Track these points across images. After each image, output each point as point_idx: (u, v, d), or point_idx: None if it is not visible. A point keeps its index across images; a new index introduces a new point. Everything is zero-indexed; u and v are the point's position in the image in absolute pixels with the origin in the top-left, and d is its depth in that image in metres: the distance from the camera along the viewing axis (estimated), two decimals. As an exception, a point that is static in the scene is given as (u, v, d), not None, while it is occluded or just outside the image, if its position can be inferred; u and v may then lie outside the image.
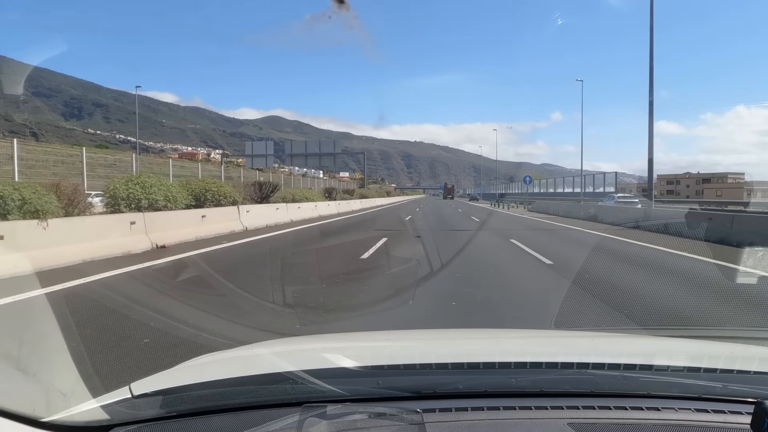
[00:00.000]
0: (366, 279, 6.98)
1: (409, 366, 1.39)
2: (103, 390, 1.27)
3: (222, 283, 6.59)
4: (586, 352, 1.66)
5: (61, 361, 2.04)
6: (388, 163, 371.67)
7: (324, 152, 45.81)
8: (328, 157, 45.77)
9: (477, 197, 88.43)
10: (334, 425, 1.06)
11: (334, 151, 46.37)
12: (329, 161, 46.73)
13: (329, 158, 45.90)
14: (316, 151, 45.74)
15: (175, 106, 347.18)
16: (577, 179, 48.12)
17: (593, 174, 44.15)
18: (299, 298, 5.67)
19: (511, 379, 1.29)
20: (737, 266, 7.90)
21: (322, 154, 45.49)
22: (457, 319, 4.84)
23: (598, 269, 7.99)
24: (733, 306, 5.48)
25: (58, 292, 5.58)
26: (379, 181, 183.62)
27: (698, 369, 1.34)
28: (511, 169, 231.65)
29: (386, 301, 5.58)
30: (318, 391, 1.20)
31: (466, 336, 2.27)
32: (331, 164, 48.65)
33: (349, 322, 4.79)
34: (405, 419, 1.08)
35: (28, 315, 4.81)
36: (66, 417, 1.14)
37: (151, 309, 4.77)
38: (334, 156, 46.16)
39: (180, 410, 1.18)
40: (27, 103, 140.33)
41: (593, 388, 1.25)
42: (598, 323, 4.64)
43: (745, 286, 6.61)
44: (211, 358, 1.72)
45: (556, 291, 6.13)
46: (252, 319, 4.65)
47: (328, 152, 46.03)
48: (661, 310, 5.18)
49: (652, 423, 1.12)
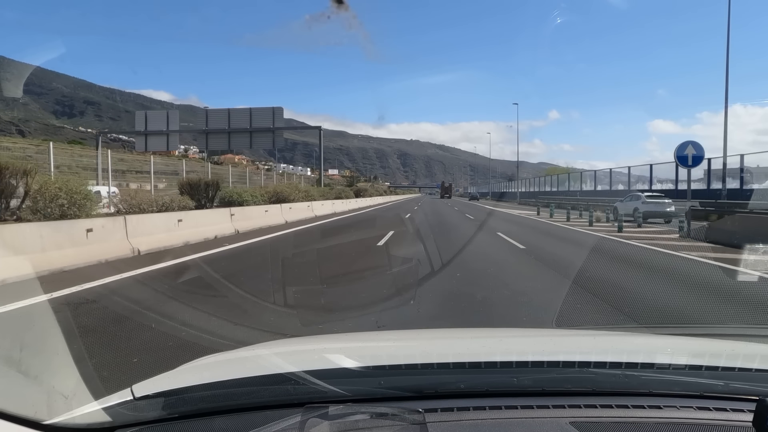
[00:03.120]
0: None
1: (411, 366, 1.39)
2: (104, 392, 1.26)
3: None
4: (587, 350, 1.66)
5: (62, 362, 2.03)
6: (383, 161, 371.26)
7: (257, 128, 32.72)
8: (264, 135, 33.07)
9: (477, 196, 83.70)
10: (336, 425, 1.06)
11: (273, 125, 32.44)
12: (265, 140, 33.52)
13: (265, 136, 33.12)
14: (245, 125, 32.87)
15: (168, 104, 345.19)
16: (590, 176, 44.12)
17: (624, 168, 37.13)
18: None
19: (513, 378, 1.29)
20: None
21: (254, 131, 32.78)
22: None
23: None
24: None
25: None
26: (371, 179, 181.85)
27: (700, 367, 1.35)
28: (510, 167, 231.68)
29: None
30: (320, 391, 1.20)
31: (467, 335, 2.27)
32: (268, 145, 34.53)
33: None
34: (407, 419, 1.08)
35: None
36: (68, 419, 1.13)
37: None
38: (273, 134, 32.72)
39: (182, 412, 1.18)
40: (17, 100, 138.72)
41: (595, 387, 1.25)
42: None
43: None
44: (212, 359, 1.71)
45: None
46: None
47: (263, 127, 32.66)
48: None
49: (654, 421, 1.12)
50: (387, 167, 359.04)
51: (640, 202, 21.63)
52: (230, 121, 33.18)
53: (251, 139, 33.37)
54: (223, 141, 33.68)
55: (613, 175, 37.64)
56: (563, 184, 49.80)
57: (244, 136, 33.36)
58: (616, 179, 37.50)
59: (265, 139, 33.40)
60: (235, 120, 33.19)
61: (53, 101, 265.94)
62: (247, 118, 33.22)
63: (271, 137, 33.37)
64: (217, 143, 34.23)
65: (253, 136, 33.38)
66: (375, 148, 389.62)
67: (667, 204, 21.28)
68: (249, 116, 33.23)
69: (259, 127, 33.05)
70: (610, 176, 37.99)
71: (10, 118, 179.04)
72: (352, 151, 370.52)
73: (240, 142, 33.91)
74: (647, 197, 22.12)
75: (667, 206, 21.04)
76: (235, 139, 33.58)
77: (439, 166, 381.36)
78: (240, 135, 33.37)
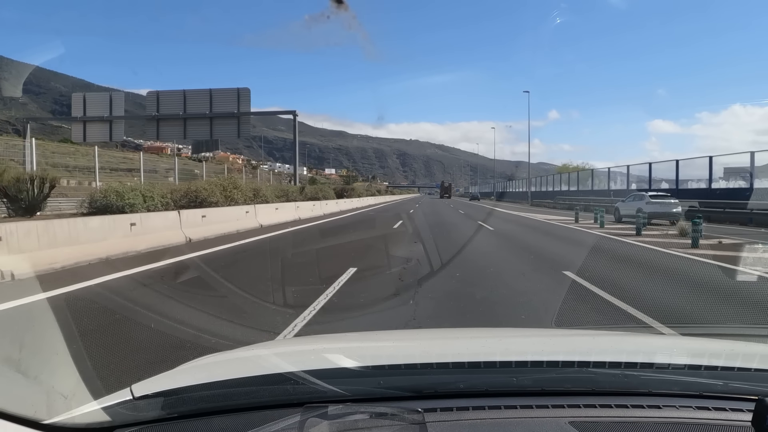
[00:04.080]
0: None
1: (410, 366, 1.39)
2: (104, 392, 1.26)
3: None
4: (587, 350, 1.66)
5: (62, 362, 2.03)
6: (383, 161, 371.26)
7: (219, 113, 27.13)
8: (227, 122, 27.46)
9: (478, 196, 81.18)
10: (336, 425, 1.06)
11: (238, 109, 27.04)
12: (229, 128, 27.70)
13: (229, 124, 27.53)
14: (203, 111, 27.16)
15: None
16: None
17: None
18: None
19: (513, 378, 1.29)
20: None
21: (215, 117, 27.21)
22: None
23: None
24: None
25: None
26: (370, 179, 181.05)
27: (699, 367, 1.35)
28: (509, 167, 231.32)
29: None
30: (319, 391, 1.20)
31: (466, 335, 2.27)
32: (232, 133, 28.43)
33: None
34: (406, 419, 1.08)
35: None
36: (67, 419, 1.13)
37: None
38: (237, 120, 27.39)
39: (181, 411, 1.18)
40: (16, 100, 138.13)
41: (594, 387, 1.25)
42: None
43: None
44: (212, 359, 1.71)
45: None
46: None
47: (226, 113, 27.14)
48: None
49: (653, 421, 1.13)
50: (386, 167, 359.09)
51: (644, 203, 20.32)
52: (186, 105, 27.47)
53: (211, 127, 27.78)
54: (178, 130, 28.19)
55: (628, 174, 34.76)
56: (575, 184, 45.57)
57: (203, 123, 27.79)
58: (632, 178, 35.18)
59: (228, 127, 27.90)
60: (193, 104, 27.60)
61: (51, 101, 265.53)
62: (207, 102, 27.61)
63: (235, 124, 27.76)
64: (169, 132, 28.91)
65: (215, 123, 27.75)
66: (374, 148, 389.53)
67: (672, 204, 20.15)
68: (209, 99, 27.62)
69: (222, 112, 27.54)
70: (627, 174, 34.88)
71: (7, 118, 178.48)
72: (352, 151, 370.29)
73: (198, 130, 28.23)
74: (651, 197, 20.86)
75: (672, 206, 19.98)
76: (193, 128, 28.08)
77: (438, 166, 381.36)
78: (198, 122, 27.86)
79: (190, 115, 27.67)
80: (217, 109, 27.58)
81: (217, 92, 27.78)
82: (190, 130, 28.18)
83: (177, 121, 27.88)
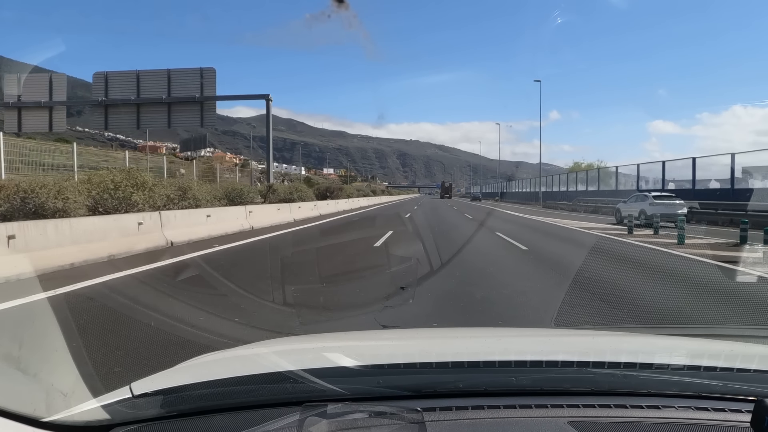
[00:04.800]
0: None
1: (410, 365, 1.39)
2: (103, 390, 1.26)
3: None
4: (586, 350, 1.66)
5: (62, 360, 2.03)
6: (383, 161, 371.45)
7: (179, 98, 23.44)
8: (189, 108, 23.74)
9: (479, 197, 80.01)
10: (335, 424, 1.06)
11: (201, 93, 23.27)
12: (191, 116, 23.93)
13: (191, 111, 23.79)
14: (160, 95, 23.34)
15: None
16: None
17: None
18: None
19: (512, 377, 1.29)
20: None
21: (174, 102, 23.48)
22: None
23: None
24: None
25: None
26: (369, 179, 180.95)
27: (698, 367, 1.35)
28: (510, 168, 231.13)
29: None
30: (318, 390, 1.20)
31: (466, 335, 2.27)
32: (195, 121, 24.28)
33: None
34: (405, 418, 1.08)
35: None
36: (66, 417, 1.13)
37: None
38: (201, 107, 23.60)
39: (180, 410, 1.18)
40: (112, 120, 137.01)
41: (593, 387, 1.25)
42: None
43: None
44: (211, 357, 1.71)
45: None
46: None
47: (187, 97, 23.42)
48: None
49: (652, 421, 1.13)
50: (386, 167, 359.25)
51: (648, 203, 19.37)
52: (140, 88, 23.53)
53: (170, 115, 23.66)
54: (130, 118, 24.10)
55: (663, 172, 30.39)
56: (594, 183, 41.08)
57: (160, 110, 23.74)
58: (645, 177, 32.63)
59: (189, 114, 23.84)
60: (148, 87, 23.63)
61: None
62: (165, 85, 23.48)
63: (198, 111, 23.72)
64: (120, 121, 24.72)
65: (174, 109, 23.71)
66: (374, 148, 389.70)
67: (678, 205, 19.08)
68: (167, 82, 23.51)
69: (182, 96, 23.43)
70: (663, 172, 30.58)
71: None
72: (352, 151, 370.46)
73: (154, 118, 24.13)
74: (655, 197, 19.73)
75: (678, 207, 18.90)
76: (148, 115, 24.00)
77: (438, 166, 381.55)
78: (153, 108, 23.81)
79: (144, 100, 23.60)
80: (177, 93, 23.52)
81: (177, 73, 23.75)
82: (145, 118, 24.10)
83: (129, 108, 23.83)
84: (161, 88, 23.55)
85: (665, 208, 18.88)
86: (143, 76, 23.66)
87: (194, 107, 23.81)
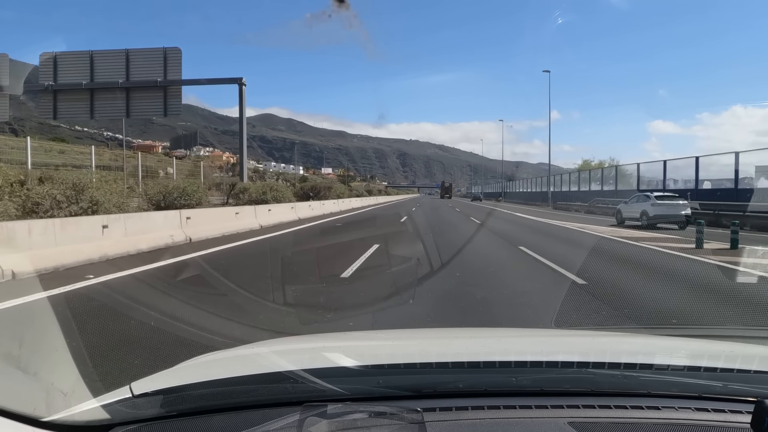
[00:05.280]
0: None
1: (410, 365, 1.39)
2: (103, 389, 1.26)
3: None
4: (586, 351, 1.66)
5: (62, 360, 2.03)
6: (383, 161, 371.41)
7: (139, 82, 20.61)
8: (151, 94, 20.89)
9: (480, 197, 79.77)
10: (335, 424, 1.06)
11: (165, 76, 20.39)
12: (154, 103, 20.99)
13: (153, 97, 20.91)
14: (116, 79, 20.50)
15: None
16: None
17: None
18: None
19: (512, 378, 1.29)
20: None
21: (133, 87, 20.64)
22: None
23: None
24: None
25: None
26: (368, 178, 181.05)
27: (698, 368, 1.34)
28: (509, 167, 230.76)
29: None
30: (318, 390, 1.20)
31: (466, 335, 2.27)
32: (158, 109, 21.32)
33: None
34: (405, 418, 1.08)
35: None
36: (66, 416, 1.13)
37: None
38: (164, 93, 20.74)
39: (181, 409, 1.18)
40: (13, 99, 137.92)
41: (593, 387, 1.25)
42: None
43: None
44: (211, 357, 1.72)
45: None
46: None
47: (148, 81, 20.58)
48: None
49: (652, 422, 1.13)
50: (386, 167, 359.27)
51: (650, 204, 18.78)
52: (93, 72, 20.59)
53: (128, 102, 20.77)
54: (82, 105, 20.95)
55: (697, 170, 27.06)
56: (609, 182, 38.37)
57: (117, 96, 20.80)
58: (649, 177, 31.34)
59: (151, 101, 20.95)
60: (104, 71, 20.66)
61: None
62: (122, 68, 20.59)
63: (161, 98, 20.82)
64: (70, 109, 21.41)
65: (133, 96, 20.83)
66: (374, 148, 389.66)
67: (681, 206, 18.44)
68: (125, 64, 20.58)
69: (142, 81, 20.57)
70: (696, 169, 26.99)
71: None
72: (352, 151, 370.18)
73: (110, 106, 21.06)
74: (657, 198, 19.05)
75: (681, 208, 18.36)
76: (103, 102, 20.96)
77: (438, 166, 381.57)
78: (109, 95, 20.87)
79: (98, 85, 20.63)
80: (137, 76, 20.62)
81: (136, 54, 20.81)
82: (100, 106, 21.06)
83: (81, 94, 20.73)
84: (118, 72, 20.63)
85: (668, 209, 18.51)
86: (98, 57, 20.82)
87: (156, 93, 20.95)
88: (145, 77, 20.72)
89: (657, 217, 18.43)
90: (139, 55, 20.91)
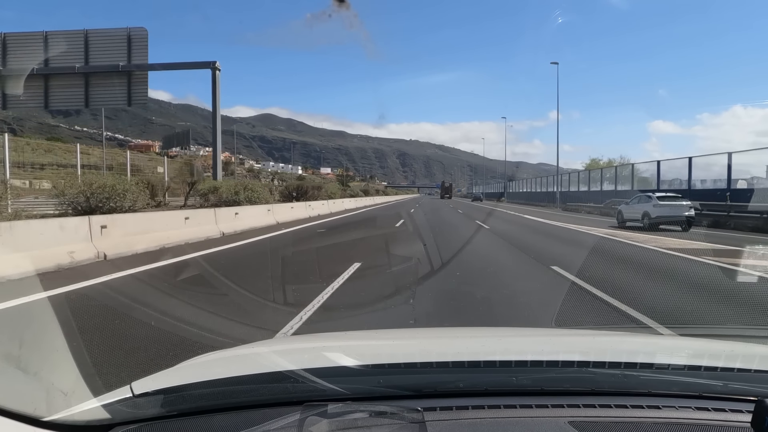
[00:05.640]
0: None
1: (410, 365, 1.39)
2: (104, 389, 1.26)
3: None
4: (586, 350, 1.66)
5: (63, 360, 2.02)
6: (382, 161, 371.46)
7: (99, 67, 18.42)
8: (114, 81, 18.65)
9: (481, 197, 79.29)
10: (335, 424, 1.06)
11: (129, 60, 18.29)
12: (116, 91, 18.87)
13: (116, 84, 18.70)
14: (74, 64, 18.32)
15: (166, 104, 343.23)
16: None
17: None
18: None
19: (512, 377, 1.29)
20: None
21: (92, 72, 18.56)
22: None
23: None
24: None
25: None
26: (368, 178, 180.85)
27: (699, 367, 1.35)
28: (510, 168, 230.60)
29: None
30: (319, 389, 1.20)
31: (466, 334, 2.27)
32: (121, 98, 19.16)
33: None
34: (406, 418, 1.08)
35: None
36: (67, 416, 1.13)
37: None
38: (128, 79, 18.56)
39: (181, 409, 1.18)
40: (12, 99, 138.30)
41: (594, 387, 1.25)
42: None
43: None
44: (212, 357, 1.71)
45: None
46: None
47: (109, 66, 18.37)
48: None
49: (652, 421, 1.13)
50: (386, 167, 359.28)
51: (651, 205, 18.30)
52: (48, 54, 18.42)
53: (87, 89, 18.51)
54: (35, 93, 18.68)
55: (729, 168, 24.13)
56: (625, 182, 35.16)
57: (74, 82, 18.58)
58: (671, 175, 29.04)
59: (114, 89, 18.71)
60: (60, 54, 18.36)
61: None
62: (81, 51, 18.30)
63: (125, 85, 18.61)
64: (21, 98, 18.89)
65: (93, 82, 18.59)
66: (374, 148, 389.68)
67: (684, 207, 17.96)
68: (84, 46, 18.28)
69: (103, 65, 18.23)
70: (729, 167, 23.62)
71: (4, 117, 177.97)
72: (351, 151, 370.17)
73: (66, 94, 18.89)
74: (659, 198, 18.53)
75: (684, 209, 17.90)
76: (58, 90, 18.77)
77: (438, 166, 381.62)
78: (66, 81, 18.63)
79: (53, 70, 18.47)
80: (97, 60, 18.33)
81: (96, 35, 18.46)
82: (55, 94, 18.86)
83: (34, 80, 18.38)
84: (77, 55, 18.32)
85: (670, 210, 18.07)
86: (53, 38, 18.40)
87: (119, 79, 18.58)
88: (107, 61, 18.52)
89: (659, 218, 18.07)
90: (99, 36, 18.69)
